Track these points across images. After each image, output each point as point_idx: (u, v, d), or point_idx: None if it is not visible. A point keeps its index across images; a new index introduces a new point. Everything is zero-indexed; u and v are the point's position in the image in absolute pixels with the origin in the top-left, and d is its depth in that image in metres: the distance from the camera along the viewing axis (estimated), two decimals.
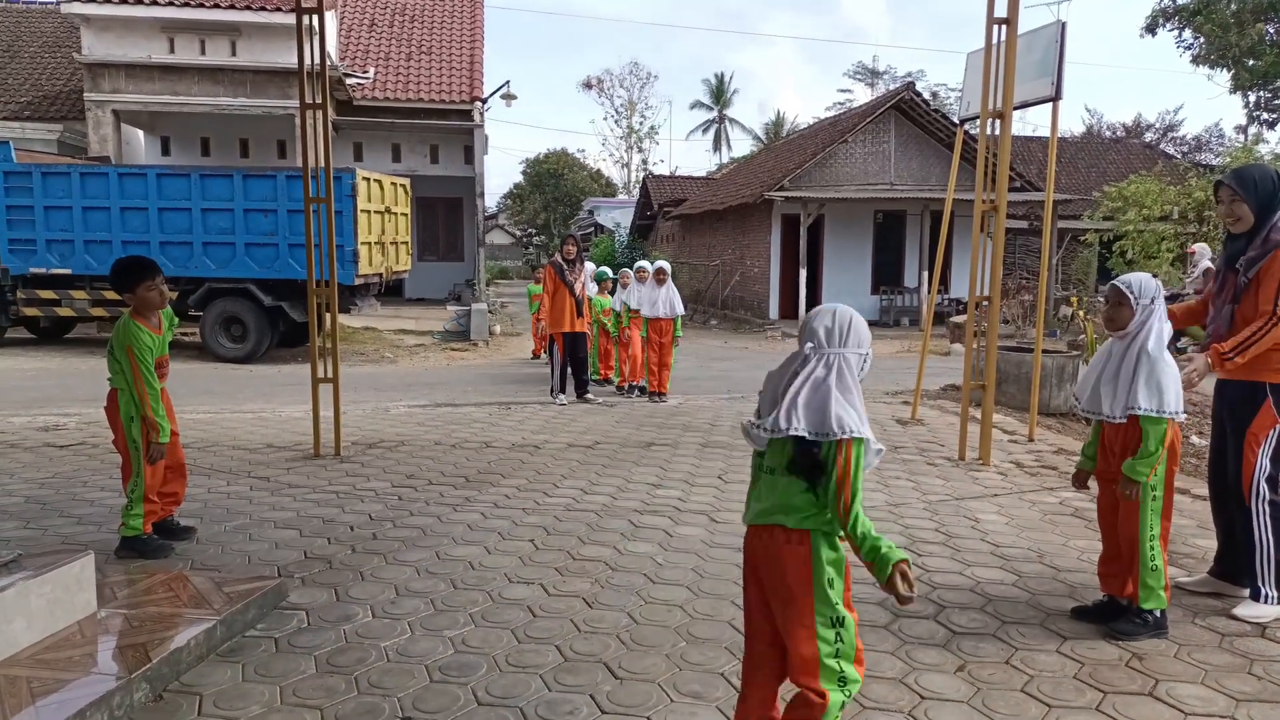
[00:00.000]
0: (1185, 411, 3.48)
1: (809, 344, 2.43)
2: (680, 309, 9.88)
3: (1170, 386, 3.47)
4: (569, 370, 9.67)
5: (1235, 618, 3.72)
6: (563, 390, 9.64)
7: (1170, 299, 16.85)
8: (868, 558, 2.31)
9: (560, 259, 9.49)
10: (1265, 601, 3.72)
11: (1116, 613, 3.68)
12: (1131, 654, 3.43)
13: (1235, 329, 3.73)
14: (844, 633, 2.38)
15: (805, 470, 2.34)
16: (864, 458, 2.35)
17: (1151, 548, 3.53)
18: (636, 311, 10.07)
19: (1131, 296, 3.53)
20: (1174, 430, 3.56)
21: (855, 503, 2.32)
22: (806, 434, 2.33)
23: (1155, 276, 3.71)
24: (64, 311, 13.97)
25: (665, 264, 10.13)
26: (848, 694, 2.36)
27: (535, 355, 14.25)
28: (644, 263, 10.48)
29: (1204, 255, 14.27)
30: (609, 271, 11.54)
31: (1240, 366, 3.73)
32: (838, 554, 2.41)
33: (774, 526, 2.40)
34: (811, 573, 2.36)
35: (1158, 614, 3.58)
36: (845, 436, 2.31)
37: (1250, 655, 3.43)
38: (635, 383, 10.22)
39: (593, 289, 10.82)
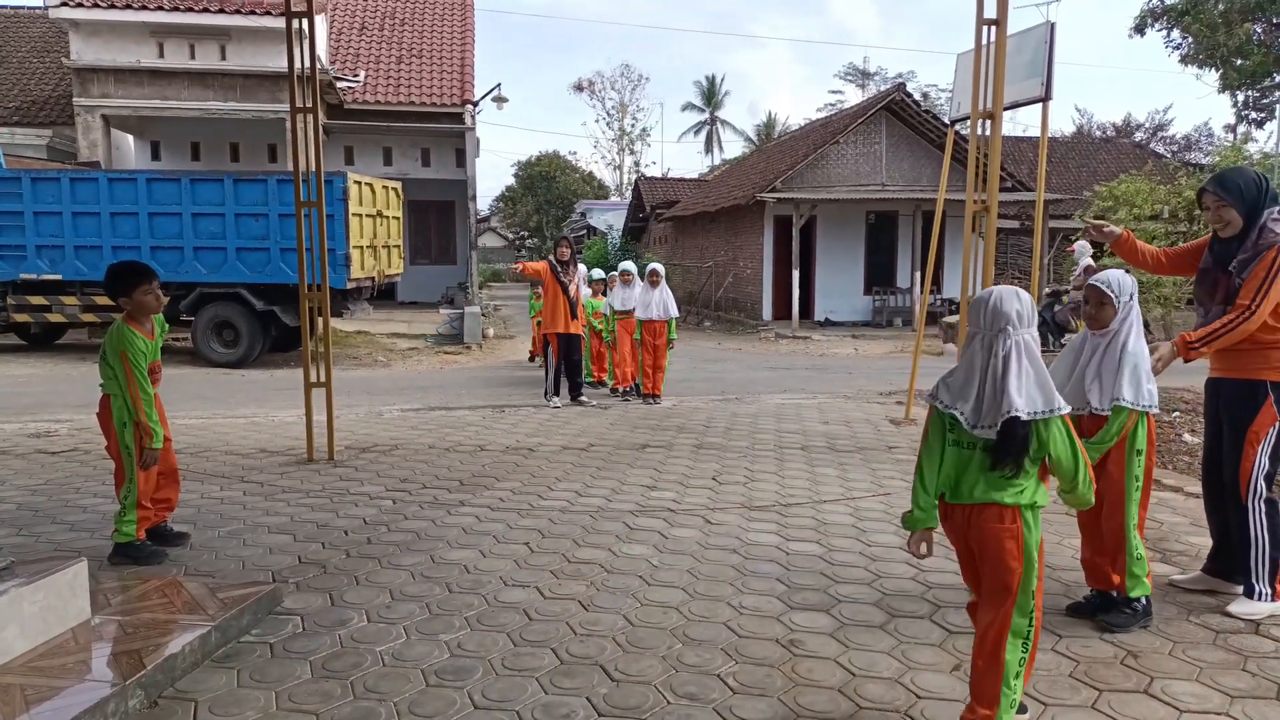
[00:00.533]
0: (1178, 410, 3.51)
1: (1009, 327, 2.60)
2: (674, 311, 9.88)
3: (1149, 381, 3.56)
4: (563, 372, 9.67)
5: (1229, 615, 3.73)
6: (557, 393, 9.63)
7: (1052, 296, 17.06)
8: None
9: (554, 259, 9.50)
10: (1259, 599, 3.73)
11: (1108, 605, 3.72)
12: (1126, 651, 3.44)
13: None
14: (1031, 631, 2.61)
15: (1018, 451, 2.54)
16: None
17: (1134, 537, 3.62)
18: (624, 313, 10.06)
19: (1113, 295, 3.59)
20: (1150, 423, 3.63)
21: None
22: (1039, 414, 2.58)
23: (1128, 272, 3.72)
24: (55, 317, 13.92)
25: (659, 266, 10.11)
26: None
27: (532, 358, 14.23)
28: (628, 265, 10.42)
29: (1084, 253, 14.54)
30: (600, 273, 11.54)
31: (1237, 364, 3.74)
32: (1037, 533, 2.61)
33: (992, 505, 2.59)
34: (1023, 551, 2.59)
35: (1144, 601, 3.65)
36: (1067, 410, 2.60)
37: (1244, 652, 3.44)
38: (627, 386, 10.22)
39: (586, 291, 10.82)
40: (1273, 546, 3.70)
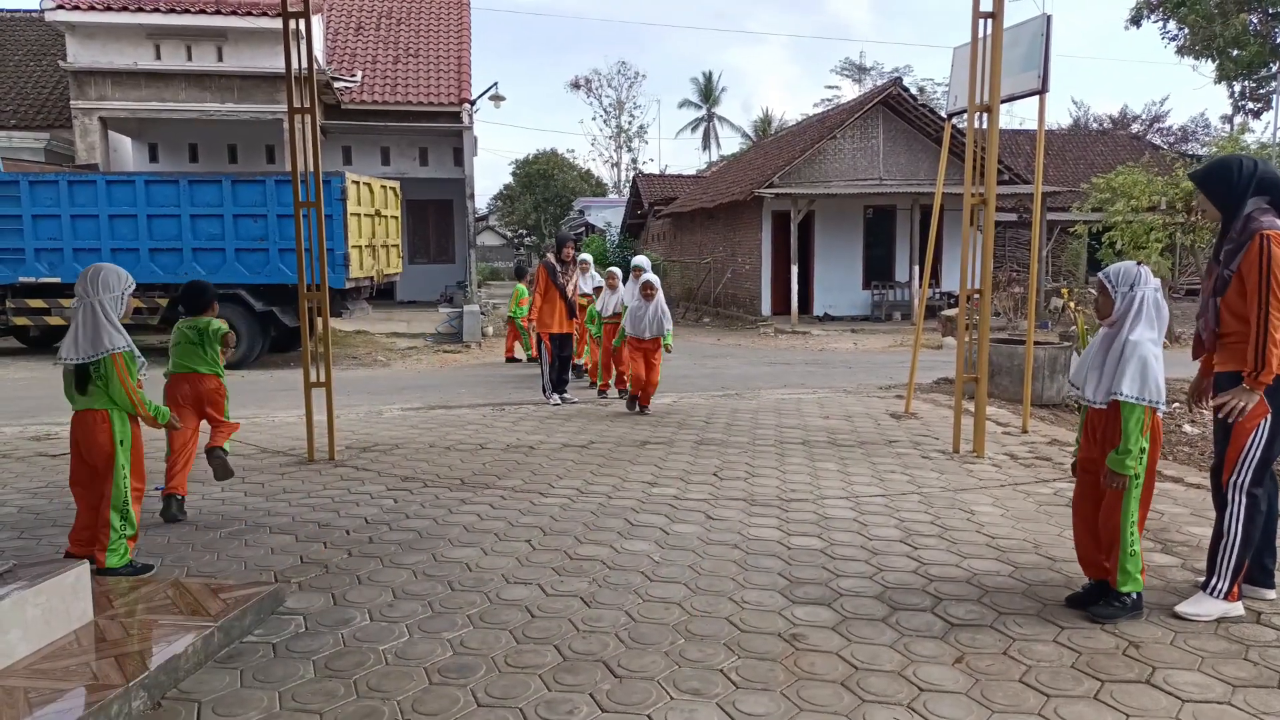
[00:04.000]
0: (1177, 401, 3.50)
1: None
2: (668, 326, 8.87)
3: (1154, 375, 3.49)
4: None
5: (1179, 615, 3.64)
6: (556, 389, 9.63)
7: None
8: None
9: (552, 260, 9.48)
10: (1215, 595, 3.65)
11: (1101, 596, 3.72)
12: (1129, 642, 3.44)
13: (1223, 324, 3.66)
14: None
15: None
16: None
17: (1131, 533, 3.59)
18: (610, 319, 9.91)
19: (1110, 286, 3.60)
20: (1155, 417, 3.59)
21: None
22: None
23: (1140, 264, 3.70)
24: (54, 320, 13.88)
25: (653, 278, 8.91)
26: None
27: (509, 358, 14.35)
28: (615, 270, 10.21)
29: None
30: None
31: (1231, 357, 3.67)
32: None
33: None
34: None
35: (1134, 596, 3.64)
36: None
37: (1246, 641, 3.45)
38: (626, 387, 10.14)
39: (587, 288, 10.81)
40: (1243, 545, 3.61)
